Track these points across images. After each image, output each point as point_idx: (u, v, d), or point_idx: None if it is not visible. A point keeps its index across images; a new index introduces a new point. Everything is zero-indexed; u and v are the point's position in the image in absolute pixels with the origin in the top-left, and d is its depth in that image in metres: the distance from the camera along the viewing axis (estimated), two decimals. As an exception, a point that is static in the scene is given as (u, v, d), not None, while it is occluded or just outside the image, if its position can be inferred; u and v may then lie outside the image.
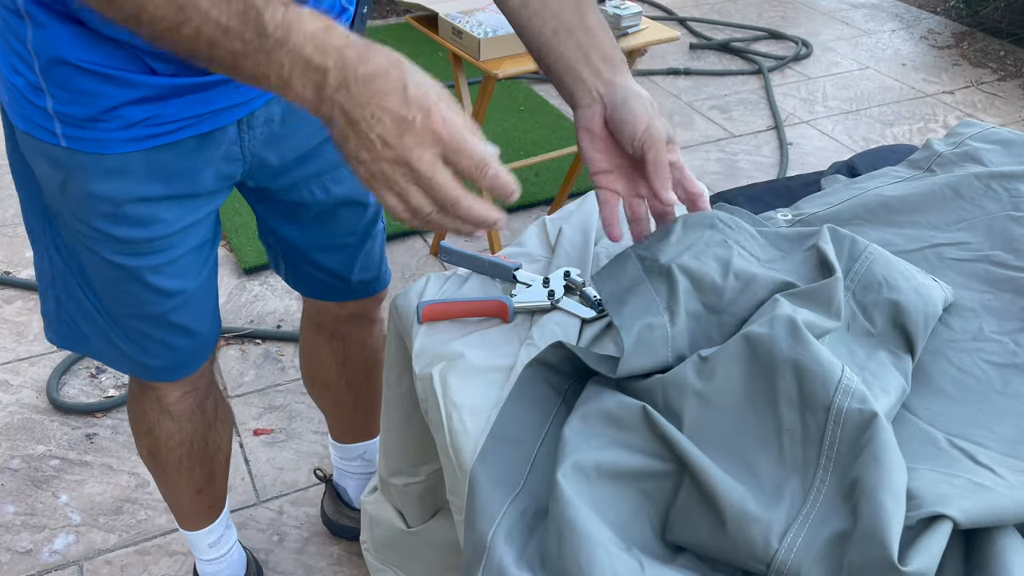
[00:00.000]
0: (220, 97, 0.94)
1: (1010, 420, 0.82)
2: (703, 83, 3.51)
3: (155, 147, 0.92)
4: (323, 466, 1.79)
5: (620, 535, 0.70)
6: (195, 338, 1.13)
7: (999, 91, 3.55)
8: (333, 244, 1.21)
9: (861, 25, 4.18)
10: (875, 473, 0.66)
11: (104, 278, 1.02)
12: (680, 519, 0.72)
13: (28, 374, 2.01)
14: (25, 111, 0.91)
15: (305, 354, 1.47)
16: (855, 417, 0.71)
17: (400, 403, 1.09)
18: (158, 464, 1.31)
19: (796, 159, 3.00)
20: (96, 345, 1.11)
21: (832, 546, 0.65)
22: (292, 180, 1.12)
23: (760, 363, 0.76)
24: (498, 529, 0.72)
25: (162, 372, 1.15)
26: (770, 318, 0.79)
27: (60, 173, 0.93)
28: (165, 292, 1.05)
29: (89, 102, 0.88)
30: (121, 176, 0.93)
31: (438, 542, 1.17)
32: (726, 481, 0.70)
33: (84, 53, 0.85)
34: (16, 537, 1.65)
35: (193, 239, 1.04)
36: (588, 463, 0.73)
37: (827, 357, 0.75)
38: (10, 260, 2.37)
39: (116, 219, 0.96)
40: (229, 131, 0.98)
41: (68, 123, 0.89)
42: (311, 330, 1.42)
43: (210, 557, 1.47)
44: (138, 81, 0.87)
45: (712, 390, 0.76)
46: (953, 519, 0.64)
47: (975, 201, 1.11)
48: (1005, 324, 0.95)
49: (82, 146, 0.90)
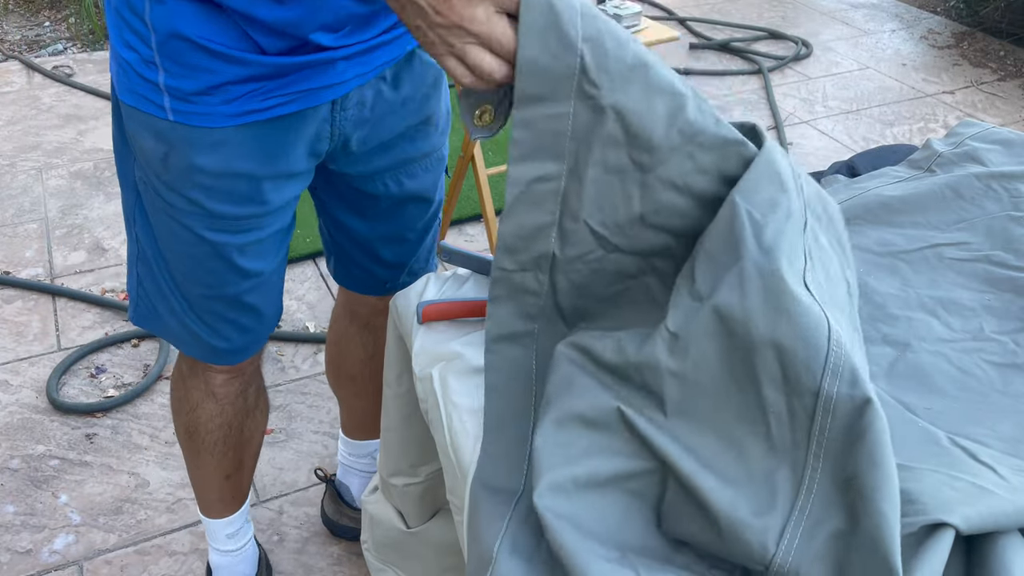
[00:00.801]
0: (319, 76, 0.98)
1: (1011, 419, 0.82)
2: (703, 83, 3.51)
3: (255, 122, 0.97)
4: (323, 466, 1.79)
5: (612, 544, 0.69)
6: (263, 320, 1.17)
7: (999, 91, 3.55)
8: (396, 237, 1.24)
9: (861, 25, 4.18)
10: (874, 477, 0.64)
11: (189, 255, 1.07)
12: (672, 515, 0.71)
13: (28, 374, 2.01)
14: (134, 85, 0.97)
15: (334, 344, 1.48)
16: (846, 404, 0.67)
17: (400, 403, 1.09)
18: (193, 445, 1.33)
19: (796, 159, 3.00)
20: (170, 326, 1.15)
21: (830, 545, 0.65)
22: (369, 170, 1.14)
23: (736, 341, 0.70)
24: (503, 543, 0.72)
25: (227, 355, 1.19)
26: (739, 276, 0.71)
27: (163, 146, 0.98)
28: (245, 272, 1.09)
29: (200, 76, 0.94)
30: (221, 149, 0.98)
31: (438, 542, 1.17)
32: (714, 484, 0.68)
33: (200, 29, 0.91)
34: (16, 537, 1.65)
35: (278, 222, 1.09)
36: (564, 479, 0.71)
37: (812, 322, 0.68)
38: (10, 260, 2.37)
39: (213, 192, 1.01)
40: (323, 110, 1.02)
41: (177, 97, 0.95)
42: (344, 319, 1.43)
43: (226, 548, 1.48)
44: (247, 59, 0.93)
45: (688, 369, 0.71)
46: (956, 527, 0.65)
47: (975, 201, 1.11)
48: (1005, 324, 0.95)
49: (188, 119, 0.96)
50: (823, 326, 0.68)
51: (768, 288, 0.70)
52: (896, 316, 0.96)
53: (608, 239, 0.80)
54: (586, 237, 0.80)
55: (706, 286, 0.73)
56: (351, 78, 1.01)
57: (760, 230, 0.73)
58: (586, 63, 0.72)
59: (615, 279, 0.83)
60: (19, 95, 3.20)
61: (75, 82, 3.25)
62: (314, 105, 1.00)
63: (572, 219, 0.79)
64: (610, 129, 0.75)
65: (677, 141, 0.76)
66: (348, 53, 0.98)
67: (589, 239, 0.80)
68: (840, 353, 0.67)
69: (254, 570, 1.52)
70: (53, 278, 2.30)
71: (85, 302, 2.21)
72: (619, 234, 0.80)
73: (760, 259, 0.71)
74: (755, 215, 0.74)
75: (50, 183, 2.69)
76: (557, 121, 0.74)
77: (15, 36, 3.67)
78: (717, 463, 0.70)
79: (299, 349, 2.10)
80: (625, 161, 0.76)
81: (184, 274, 1.09)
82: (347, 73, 1.00)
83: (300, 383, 2.00)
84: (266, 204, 1.05)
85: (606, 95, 0.73)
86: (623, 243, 0.81)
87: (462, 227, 2.56)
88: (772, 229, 0.73)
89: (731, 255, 0.73)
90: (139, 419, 1.90)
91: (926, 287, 1.01)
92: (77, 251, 2.40)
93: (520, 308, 0.83)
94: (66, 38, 3.65)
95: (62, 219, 2.52)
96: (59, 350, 2.07)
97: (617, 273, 0.83)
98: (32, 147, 2.87)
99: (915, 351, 0.92)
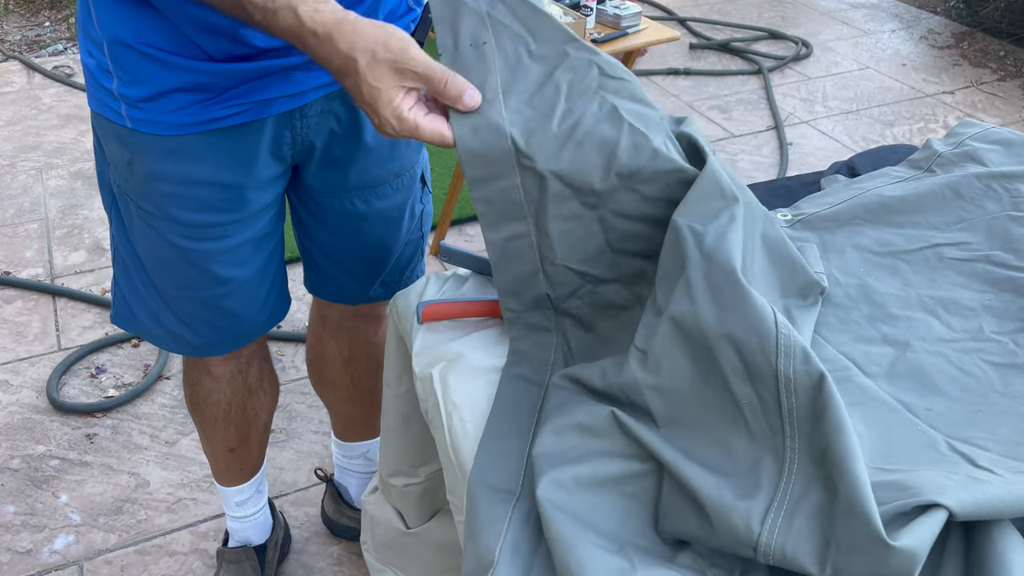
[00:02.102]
0: (275, 86, 0.97)
1: (1010, 421, 0.82)
2: (703, 83, 3.51)
3: (211, 131, 0.97)
4: (323, 466, 1.79)
5: (611, 539, 0.70)
6: (241, 323, 1.17)
7: (999, 91, 3.55)
8: (364, 254, 1.23)
9: (861, 25, 4.18)
10: (842, 444, 0.67)
11: (161, 257, 1.07)
12: (668, 514, 0.72)
13: (28, 374, 2.01)
14: (97, 92, 0.98)
15: (311, 348, 1.48)
16: (804, 381, 0.70)
17: (400, 403, 1.09)
18: (197, 415, 1.35)
19: (796, 159, 3.00)
20: (144, 323, 1.16)
21: (814, 521, 0.66)
22: (334, 186, 1.14)
23: (695, 342, 0.75)
24: (504, 543, 0.72)
25: (204, 348, 1.20)
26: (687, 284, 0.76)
27: (127, 152, 0.99)
28: (219, 278, 1.09)
29: (145, 83, 0.93)
30: (180, 157, 0.98)
31: (437, 543, 1.17)
32: (701, 475, 0.70)
33: (140, 35, 0.91)
34: (16, 537, 1.65)
35: (251, 229, 1.08)
36: (566, 477, 0.73)
37: (757, 311, 0.73)
38: (10, 260, 2.37)
39: (177, 199, 1.01)
40: (282, 120, 1.02)
41: (130, 104, 0.95)
42: (318, 324, 1.43)
43: (236, 515, 1.50)
44: (191, 66, 0.92)
45: (665, 381, 0.76)
46: (949, 508, 0.64)
47: (975, 201, 1.11)
48: (1005, 324, 0.95)
49: (143, 127, 0.96)
50: (767, 311, 0.73)
51: (713, 288, 0.75)
52: (896, 316, 0.96)
53: (589, 273, 0.88)
54: (570, 277, 0.88)
55: (663, 300, 0.79)
56: (310, 89, 1.01)
57: (700, 239, 0.78)
58: (517, 143, 0.83)
59: (610, 312, 0.90)
60: (19, 95, 3.20)
61: (75, 82, 3.25)
62: (270, 115, 1.00)
63: (551, 264, 0.87)
64: (554, 188, 0.84)
65: (616, 183, 0.84)
66: (303, 61, 0.97)
67: (573, 278, 0.88)
68: (788, 334, 0.72)
69: (263, 538, 1.54)
70: (53, 278, 2.30)
71: (85, 302, 2.21)
72: (597, 266, 0.87)
73: (703, 264, 0.76)
74: (696, 227, 0.79)
75: (50, 183, 2.69)
76: (510, 192, 0.84)
77: (15, 36, 3.67)
78: (706, 458, 0.73)
79: (299, 349, 2.10)
80: (577, 208, 0.85)
81: (159, 274, 1.10)
82: (305, 84, 1.00)
83: (300, 383, 2.00)
84: (233, 211, 1.04)
85: (541, 164, 0.83)
86: (604, 273, 0.88)
87: (462, 227, 2.56)
88: (713, 234, 0.77)
89: (678, 267, 0.78)
90: (139, 419, 1.90)
91: (926, 287, 1.01)
92: (77, 251, 2.40)
93: (536, 343, 0.91)
94: (66, 38, 3.65)
95: (62, 219, 2.53)
96: (59, 350, 2.07)
97: (610, 305, 0.89)
98: (32, 147, 2.88)
99: (915, 351, 0.92)
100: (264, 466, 1.49)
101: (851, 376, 0.88)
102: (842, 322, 0.96)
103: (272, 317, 1.21)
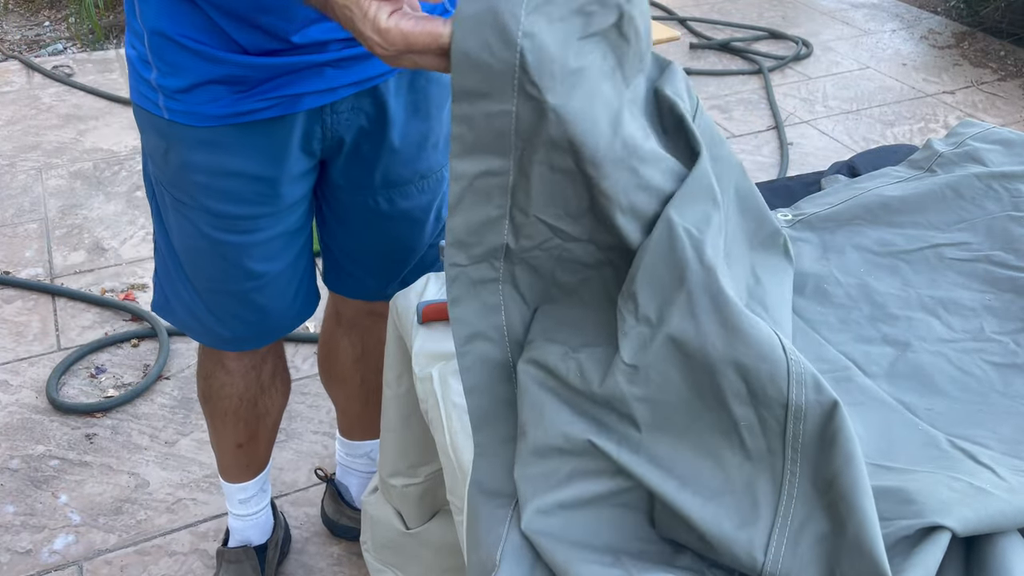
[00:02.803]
0: (307, 82, 0.98)
1: (1011, 420, 0.82)
2: (703, 83, 3.51)
3: (243, 124, 0.99)
4: (323, 466, 1.79)
5: (605, 551, 0.70)
6: (270, 318, 1.18)
7: (999, 91, 3.55)
8: (384, 253, 1.23)
9: (861, 25, 4.18)
10: (851, 475, 0.65)
11: (195, 248, 1.09)
12: (664, 523, 0.72)
13: (28, 374, 2.01)
14: (137, 84, 1.00)
15: (323, 345, 1.49)
16: (815, 410, 0.68)
17: (400, 403, 1.09)
18: (208, 408, 1.36)
19: (796, 159, 3.00)
20: (179, 314, 1.19)
21: (819, 547, 0.66)
22: (362, 183, 1.14)
23: (696, 365, 0.70)
24: (505, 550, 0.72)
25: (233, 342, 1.21)
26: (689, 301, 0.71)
27: (164, 143, 1.01)
28: (250, 272, 1.11)
29: (182, 74, 0.95)
30: (213, 148, 1.00)
31: (437, 543, 1.17)
32: (697, 504, 0.69)
33: (178, 27, 0.93)
34: (16, 537, 1.65)
35: (283, 223, 1.10)
36: (549, 505, 0.72)
37: (767, 342, 0.69)
38: (10, 260, 2.36)
39: (211, 191, 1.03)
40: (313, 115, 1.03)
41: (167, 95, 0.97)
42: (332, 320, 1.44)
43: (239, 512, 1.50)
44: (226, 58, 0.94)
45: (654, 393, 0.71)
46: (952, 530, 0.65)
47: (975, 201, 1.11)
48: (1006, 324, 0.95)
49: (178, 117, 0.98)
50: (775, 340, 0.69)
51: (718, 311, 0.70)
52: (896, 316, 0.96)
53: (563, 230, 0.77)
54: (540, 229, 0.77)
55: (652, 311, 0.72)
56: (341, 86, 1.02)
57: (700, 247, 0.72)
58: (526, 62, 0.67)
59: (576, 268, 0.80)
60: (19, 95, 3.20)
61: (75, 82, 3.25)
62: (303, 110, 1.01)
63: (522, 213, 0.75)
64: (553, 133, 0.70)
65: (621, 153, 0.72)
66: (335, 58, 0.98)
67: (544, 230, 0.77)
68: (798, 361, 0.69)
69: (264, 538, 1.54)
70: (53, 278, 2.30)
71: (85, 302, 2.21)
72: (574, 225, 0.77)
73: (706, 280, 0.70)
74: (693, 232, 0.72)
75: (50, 183, 2.69)
76: (499, 119, 0.70)
77: (15, 36, 3.67)
78: (696, 478, 0.70)
79: (299, 349, 2.10)
80: (572, 167, 0.73)
81: (192, 266, 1.12)
82: (336, 81, 1.01)
83: (300, 383, 2.00)
84: (266, 204, 1.06)
85: (549, 98, 0.68)
86: (580, 233, 0.77)
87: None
88: (710, 245, 0.72)
89: (675, 276, 0.71)
90: (139, 419, 1.90)
91: (926, 287, 1.01)
92: (77, 251, 2.40)
93: (481, 302, 0.79)
94: (66, 38, 3.65)
95: (62, 219, 2.52)
96: (59, 350, 2.07)
97: (576, 262, 0.79)
98: (32, 147, 2.87)
99: (915, 351, 0.91)
100: (270, 465, 1.49)
101: (851, 376, 0.88)
102: (842, 322, 0.96)
103: (301, 313, 1.22)
